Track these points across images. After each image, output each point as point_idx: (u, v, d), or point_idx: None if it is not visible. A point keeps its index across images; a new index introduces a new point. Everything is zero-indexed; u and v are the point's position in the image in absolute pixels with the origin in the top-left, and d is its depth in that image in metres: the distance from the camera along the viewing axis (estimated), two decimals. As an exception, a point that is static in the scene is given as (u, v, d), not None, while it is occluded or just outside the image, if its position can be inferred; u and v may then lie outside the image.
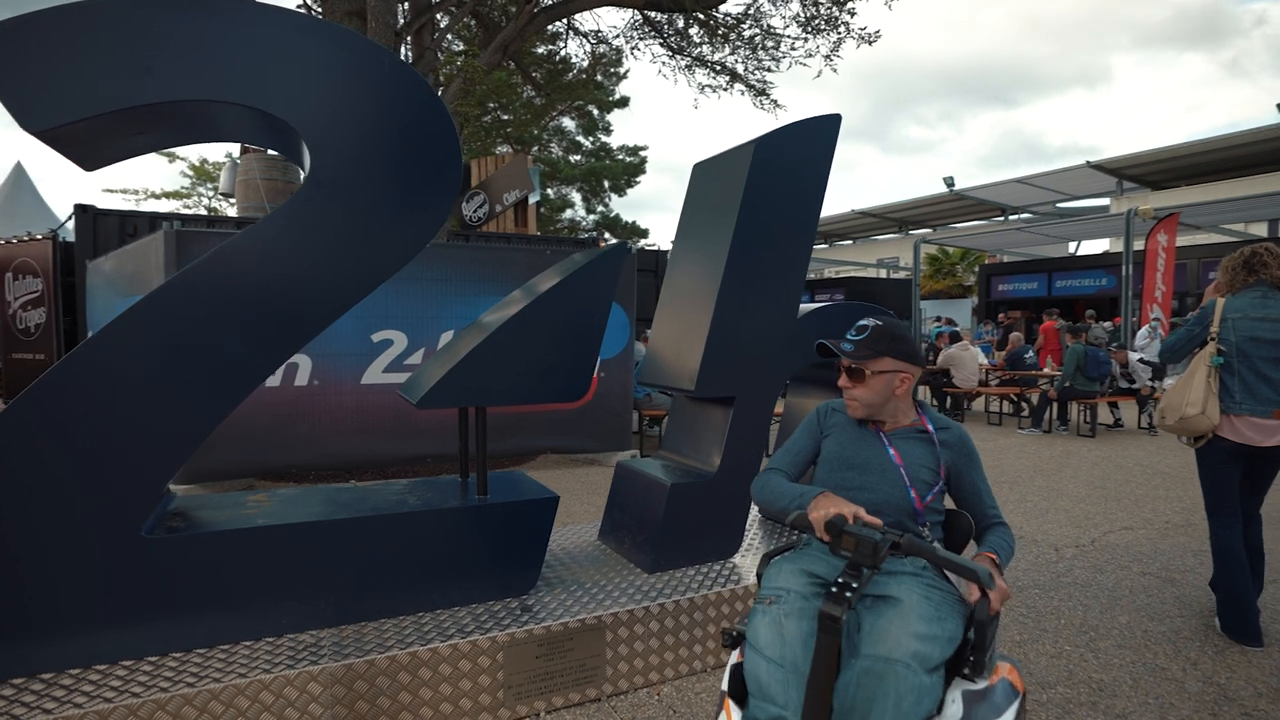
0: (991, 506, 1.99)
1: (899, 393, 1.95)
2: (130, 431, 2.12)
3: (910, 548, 1.57)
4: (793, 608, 1.68)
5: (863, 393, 1.92)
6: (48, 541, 2.04)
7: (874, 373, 1.91)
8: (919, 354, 2.00)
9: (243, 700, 2.05)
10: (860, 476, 1.93)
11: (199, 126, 2.38)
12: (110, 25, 2.02)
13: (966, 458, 2.00)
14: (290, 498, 2.71)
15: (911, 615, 1.60)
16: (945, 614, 1.64)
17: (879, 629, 1.61)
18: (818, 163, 3.18)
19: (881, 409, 1.97)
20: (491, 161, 11.88)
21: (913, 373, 1.97)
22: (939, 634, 1.58)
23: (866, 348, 1.90)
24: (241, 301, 2.23)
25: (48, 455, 2.04)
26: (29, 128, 1.98)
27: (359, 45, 2.34)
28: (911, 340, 1.99)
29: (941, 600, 1.69)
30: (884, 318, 2.00)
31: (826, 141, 3.18)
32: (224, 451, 5.82)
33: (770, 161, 3.06)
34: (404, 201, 2.41)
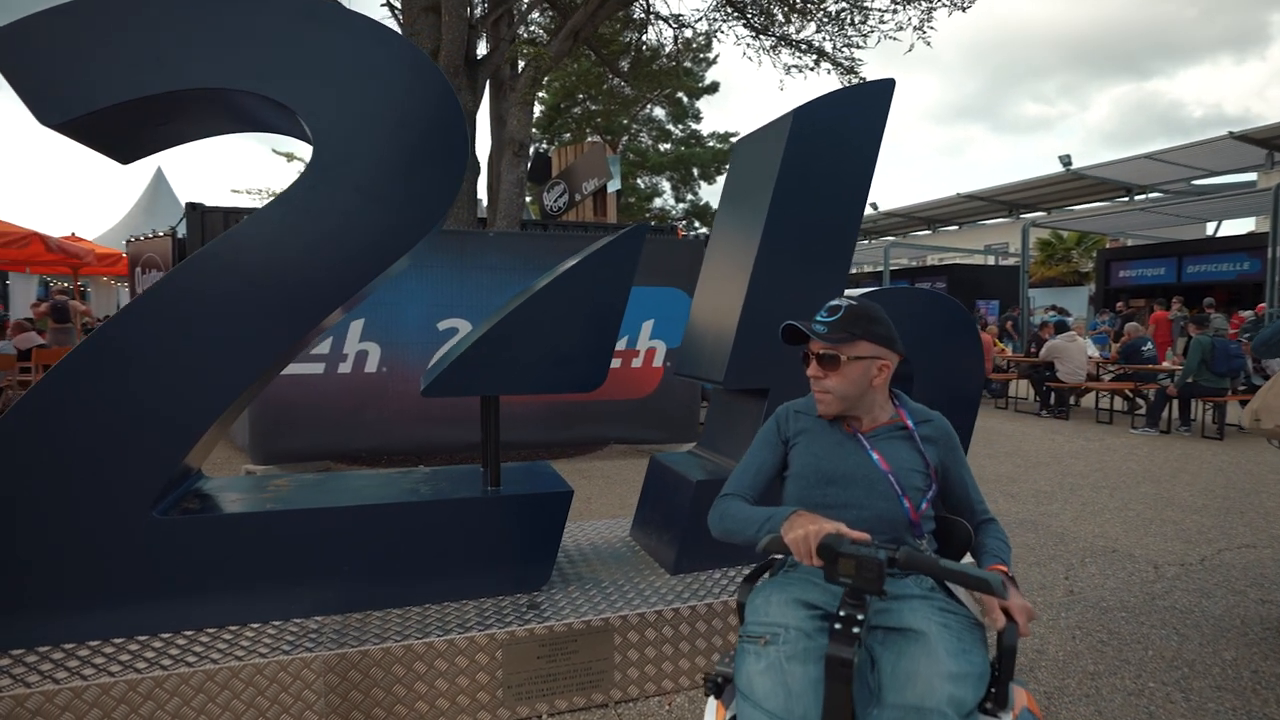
0: (980, 503, 1.75)
1: (876, 383, 1.69)
2: (140, 414, 2.18)
3: (910, 561, 1.33)
4: (795, 649, 1.42)
5: (837, 383, 1.66)
6: (61, 519, 2.13)
7: (850, 359, 1.64)
8: (897, 339, 1.72)
9: (237, 683, 2.06)
10: (843, 492, 1.65)
11: (217, 115, 2.41)
12: (116, 18, 2.06)
13: (952, 452, 1.75)
14: (309, 484, 2.74)
15: (939, 651, 1.37)
16: (969, 645, 1.41)
17: (903, 670, 1.38)
18: (866, 133, 2.89)
19: (857, 403, 1.70)
20: (571, 151, 11.94)
21: (891, 360, 1.71)
22: (970, 671, 1.35)
23: (841, 330, 1.64)
24: (246, 286, 2.25)
25: (63, 435, 2.12)
26: (45, 122, 2.05)
27: (364, 29, 2.30)
28: (890, 323, 1.73)
29: (962, 629, 1.45)
30: (861, 299, 1.73)
31: (877, 109, 2.88)
32: (300, 434, 6.13)
33: (810, 134, 2.81)
34: (406, 186, 2.35)
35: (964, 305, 3.21)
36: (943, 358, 3.08)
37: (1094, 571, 3.70)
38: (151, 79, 2.09)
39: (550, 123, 21.20)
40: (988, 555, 1.64)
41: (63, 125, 2.09)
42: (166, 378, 2.19)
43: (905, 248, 26.70)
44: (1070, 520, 4.64)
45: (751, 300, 2.83)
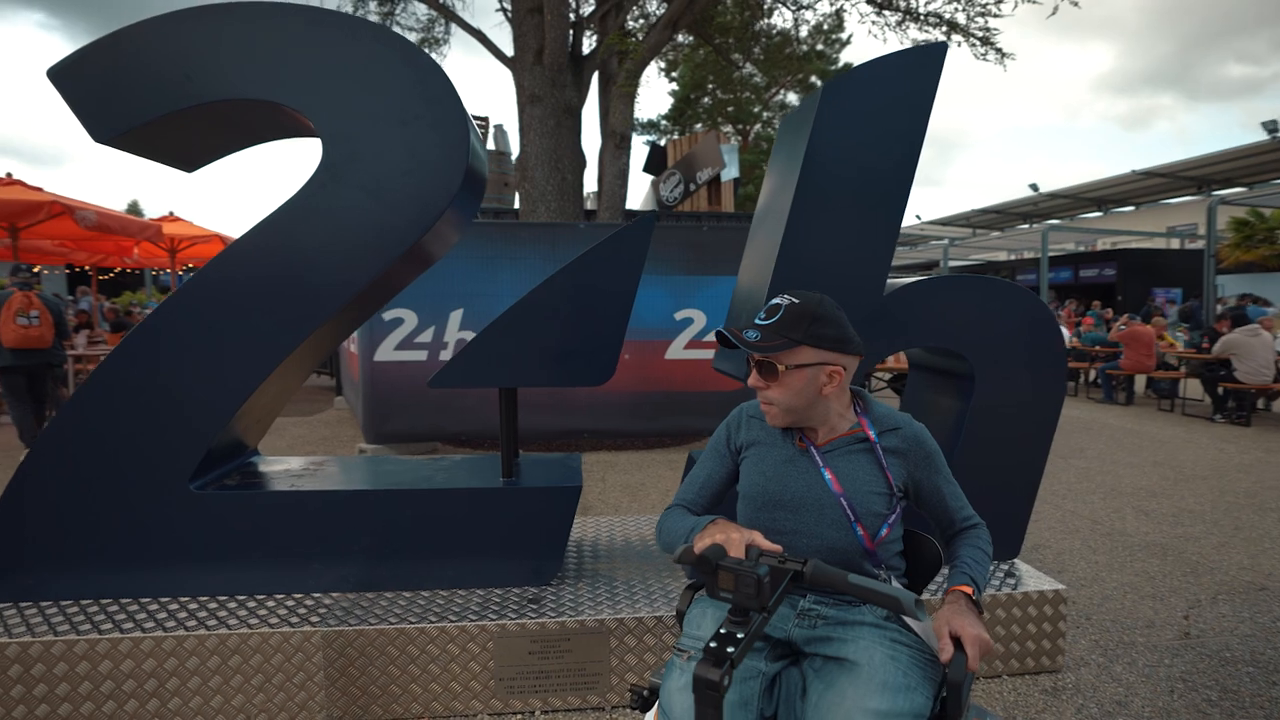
0: (960, 510, 1.53)
1: (828, 391, 1.46)
2: (175, 397, 2.39)
3: (816, 576, 1.21)
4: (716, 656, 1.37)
5: (779, 394, 1.45)
6: (112, 488, 2.39)
7: (790, 367, 1.43)
8: (850, 339, 1.48)
9: (247, 649, 2.21)
10: (792, 517, 1.48)
11: (247, 124, 2.58)
12: (151, 45, 2.26)
13: (925, 461, 1.52)
14: (345, 466, 2.89)
15: (869, 684, 1.25)
16: (914, 681, 1.26)
17: (827, 702, 1.27)
18: (911, 105, 2.58)
19: (808, 414, 1.49)
20: (686, 142, 11.83)
21: (844, 364, 1.48)
22: (904, 709, 1.22)
23: (778, 334, 1.42)
24: (265, 280, 2.40)
25: (113, 414, 2.38)
26: (98, 139, 2.30)
27: (366, 32, 2.36)
28: (840, 321, 1.48)
29: (910, 662, 1.30)
30: (803, 294, 1.49)
31: (923, 78, 2.56)
32: (406, 417, 6.56)
33: (842, 109, 2.56)
34: (405, 183, 2.39)
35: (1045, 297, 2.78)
36: (1012, 361, 2.70)
37: (1225, 612, 3.09)
38: (182, 95, 2.28)
39: (680, 114, 21.20)
40: (957, 571, 1.41)
41: (114, 140, 2.33)
42: (196, 365, 2.39)
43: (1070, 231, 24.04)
44: (1212, 548, 3.92)
45: (776, 289, 2.61)
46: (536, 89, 8.19)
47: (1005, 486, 2.78)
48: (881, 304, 2.66)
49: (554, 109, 8.24)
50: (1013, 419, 2.73)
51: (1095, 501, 4.80)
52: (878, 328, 2.65)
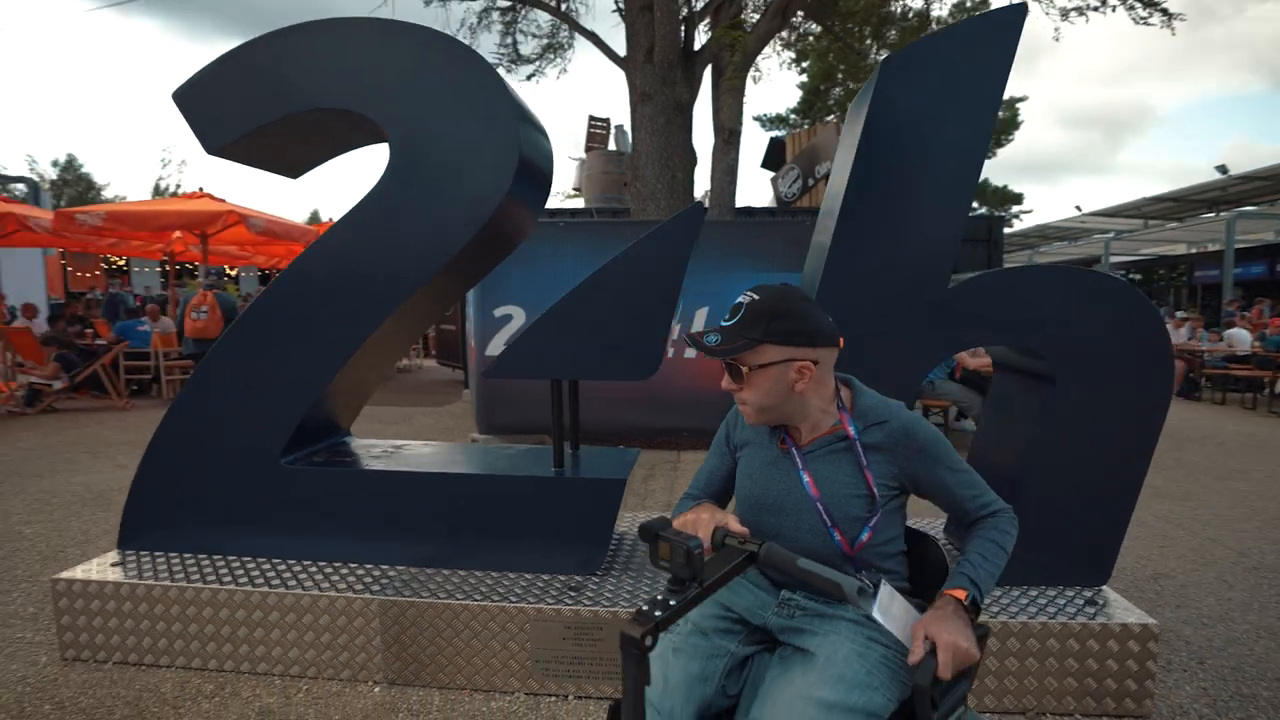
0: (973, 500, 1.41)
1: (801, 387, 1.40)
2: (268, 380, 2.70)
3: (769, 559, 1.23)
4: (684, 642, 1.43)
5: (750, 395, 1.41)
6: (220, 461, 2.73)
7: (754, 367, 1.38)
8: (818, 330, 1.40)
9: (317, 609, 2.45)
10: (776, 520, 1.46)
11: (336, 133, 2.84)
12: (249, 64, 2.56)
13: (917, 454, 1.41)
14: (419, 450, 3.11)
15: (824, 675, 1.26)
16: (878, 681, 1.26)
17: (775, 687, 1.30)
18: (980, 79, 2.38)
19: (785, 412, 1.43)
20: (805, 135, 11.50)
21: (815, 357, 1.40)
22: (855, 704, 1.21)
23: (738, 335, 1.37)
24: (342, 273, 2.64)
25: (219, 397, 2.72)
26: (209, 150, 2.64)
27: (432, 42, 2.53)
28: (805, 314, 1.40)
29: (879, 662, 1.29)
30: (766, 289, 1.42)
31: (997, 47, 2.36)
32: (515, 410, 6.89)
33: (901, 87, 2.41)
34: (461, 183, 2.54)
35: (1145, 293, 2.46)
36: (1100, 362, 2.42)
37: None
38: (274, 108, 2.57)
39: (810, 106, 20.58)
40: (955, 572, 1.33)
41: (222, 151, 2.66)
42: (285, 350, 2.68)
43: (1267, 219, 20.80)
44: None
45: (829, 281, 2.51)
46: (647, 87, 8.30)
47: (1091, 505, 2.49)
48: (946, 296, 2.47)
49: (664, 106, 8.31)
50: (1100, 428, 2.45)
51: (1247, 531, 4.16)
52: (941, 322, 2.48)
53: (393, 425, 7.69)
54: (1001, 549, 1.37)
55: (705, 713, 1.35)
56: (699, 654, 1.39)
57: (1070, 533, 2.50)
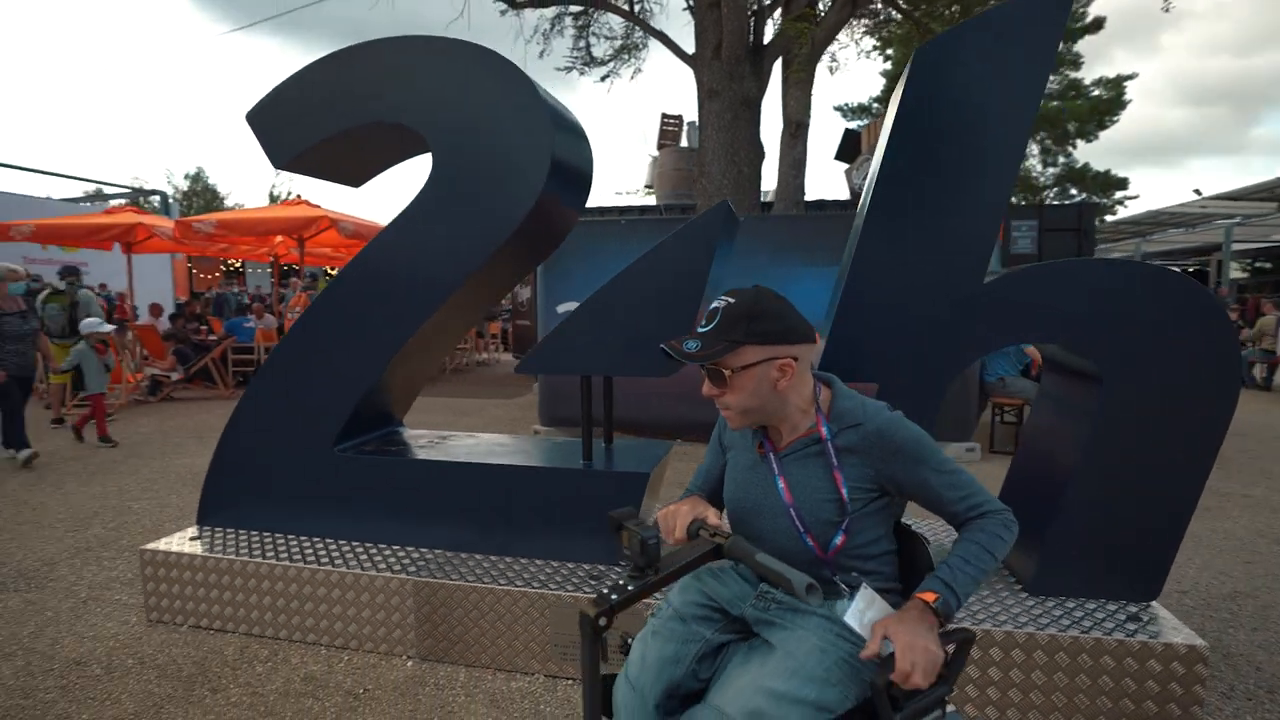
0: (958, 501, 1.35)
1: (782, 385, 1.39)
2: (322, 373, 2.91)
3: (732, 551, 1.29)
4: (663, 625, 1.50)
5: (734, 398, 1.41)
6: (281, 447, 2.97)
7: (737, 369, 1.38)
8: (795, 327, 1.40)
9: (359, 587, 2.64)
10: (756, 523, 1.48)
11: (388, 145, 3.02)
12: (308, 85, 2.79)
13: (894, 456, 1.38)
14: (462, 440, 3.27)
15: (780, 666, 1.30)
16: (835, 678, 1.28)
17: (733, 674, 1.36)
18: (1020, 65, 2.27)
19: (768, 412, 1.43)
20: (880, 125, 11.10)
21: (795, 354, 1.40)
22: (806, 697, 1.24)
23: (717, 339, 1.37)
24: (389, 276, 2.82)
25: (279, 389, 2.97)
26: (275, 165, 2.88)
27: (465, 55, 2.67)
28: (781, 313, 1.39)
29: (841, 659, 1.31)
30: (740, 292, 1.41)
31: (1035, 37, 2.24)
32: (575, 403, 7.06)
33: (935, 77, 2.33)
34: (496, 191, 2.66)
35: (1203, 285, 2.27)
36: (1153, 363, 2.27)
37: None
38: (329, 124, 2.77)
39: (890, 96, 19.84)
40: (931, 575, 1.32)
41: (287, 165, 2.90)
42: (338, 346, 2.89)
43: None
44: None
45: (855, 278, 2.46)
46: (714, 83, 8.26)
47: (1141, 514, 2.33)
48: (981, 291, 2.38)
49: (731, 102, 8.25)
50: (1152, 433, 2.28)
51: (1363, 551, 3.74)
52: (975, 318, 2.38)
53: (465, 416, 8.03)
54: (987, 551, 1.32)
55: (675, 692, 1.40)
56: (675, 638, 1.44)
57: (1117, 543, 2.35)
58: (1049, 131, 19.87)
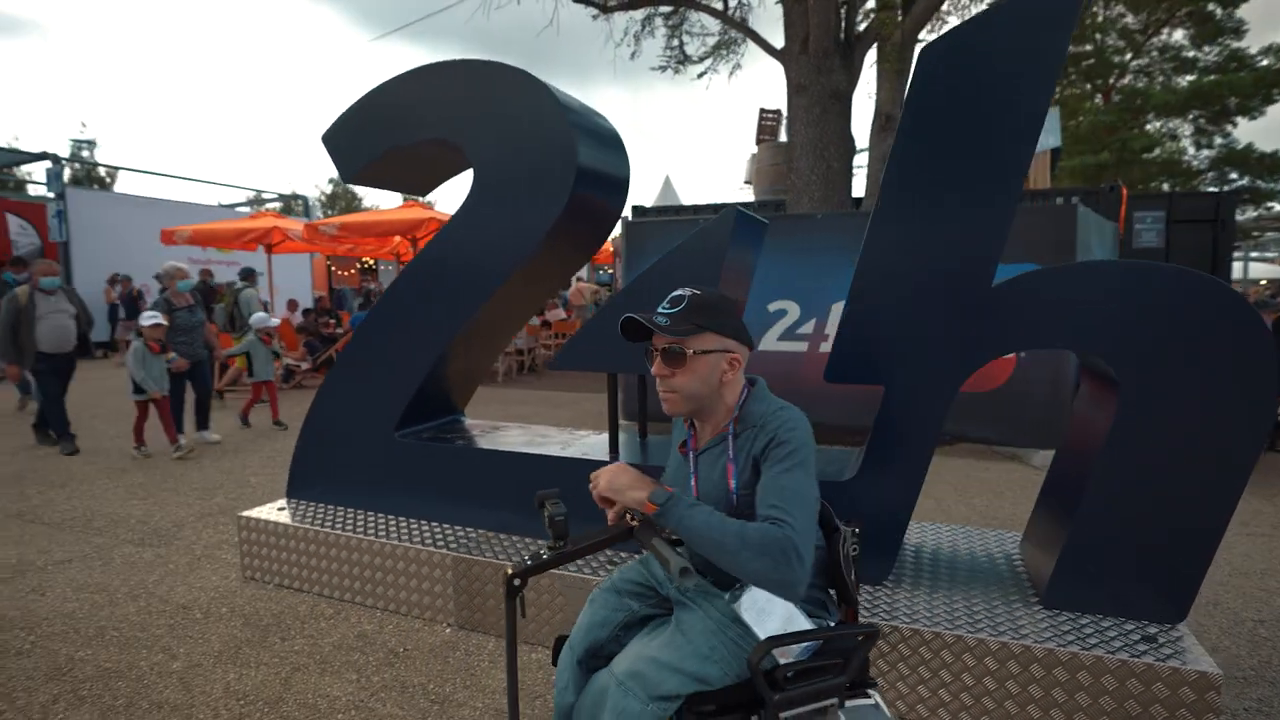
0: (768, 507, 1.35)
1: (727, 378, 1.50)
2: (384, 365, 3.27)
3: (638, 535, 1.46)
4: (599, 595, 1.69)
5: (684, 380, 1.49)
6: (349, 432, 3.36)
7: (696, 353, 1.47)
8: (746, 331, 1.53)
9: (407, 559, 2.96)
10: None
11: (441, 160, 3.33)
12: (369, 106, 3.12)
13: (766, 452, 1.42)
14: (510, 431, 3.54)
15: (670, 640, 1.46)
16: (718, 656, 1.42)
17: (634, 644, 1.54)
18: (1033, 62, 2.21)
19: (707, 404, 1.52)
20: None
21: (742, 354, 1.51)
22: (685, 669, 1.40)
23: (685, 321, 1.46)
24: (439, 277, 3.13)
25: (350, 379, 3.35)
26: (344, 179, 3.26)
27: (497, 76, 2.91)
28: (737, 315, 1.51)
29: (730, 641, 1.44)
30: (704, 288, 1.53)
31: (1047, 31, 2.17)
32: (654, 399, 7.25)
33: (943, 74, 2.32)
34: (529, 194, 2.89)
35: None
36: (1177, 371, 2.15)
37: None
38: (384, 141, 3.11)
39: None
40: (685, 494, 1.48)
41: (357, 177, 3.27)
42: (397, 339, 3.24)
43: None
44: None
45: (863, 276, 2.48)
46: (802, 78, 8.15)
47: (1165, 532, 2.21)
48: (989, 295, 2.33)
49: (819, 96, 8.11)
50: (1176, 446, 2.16)
51: None
52: (982, 323, 2.34)
53: (558, 409, 8.43)
54: (731, 531, 1.32)
55: (599, 652, 1.57)
56: (606, 606, 1.62)
57: (1139, 560, 2.24)
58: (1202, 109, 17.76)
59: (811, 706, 1.34)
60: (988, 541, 2.99)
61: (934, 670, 2.21)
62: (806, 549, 1.31)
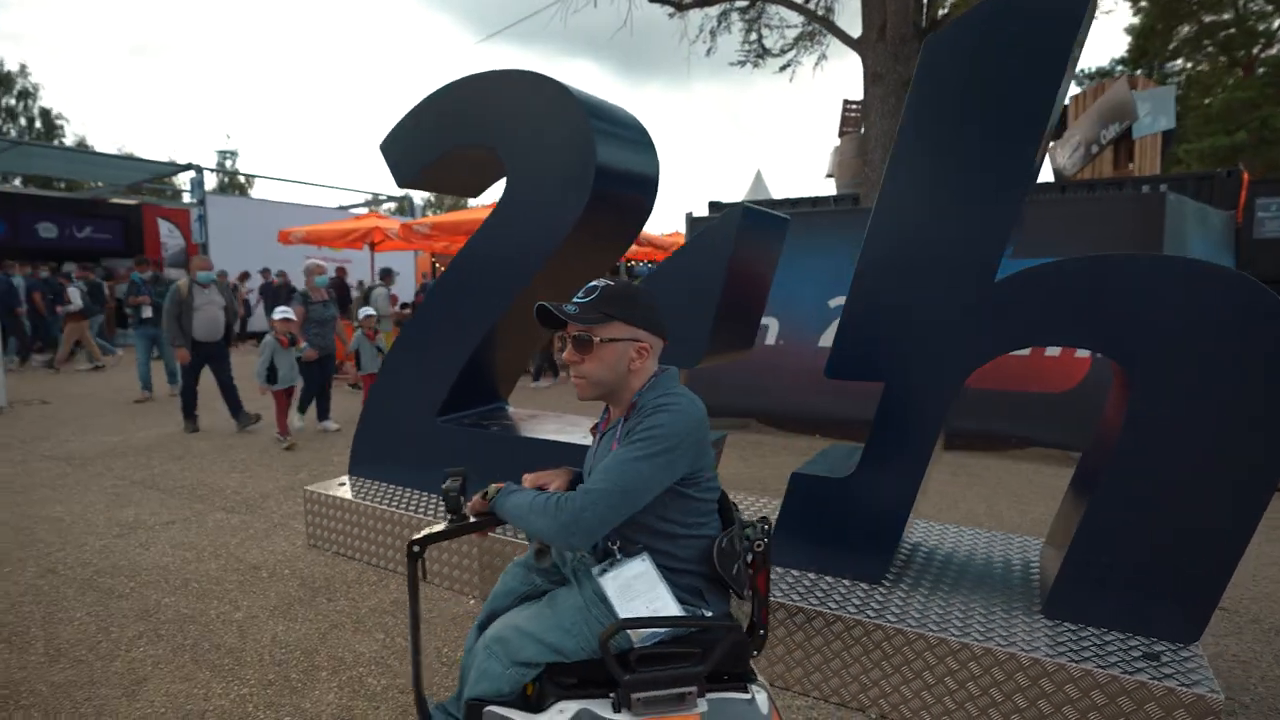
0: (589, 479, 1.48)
1: (635, 366, 1.55)
2: (428, 353, 3.53)
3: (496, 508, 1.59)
4: (512, 568, 1.85)
5: (592, 367, 1.55)
6: (398, 417, 3.66)
7: (604, 340, 1.53)
8: (657, 320, 1.56)
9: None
10: None
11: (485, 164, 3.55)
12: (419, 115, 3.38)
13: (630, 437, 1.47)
14: (544, 419, 3.73)
15: (537, 612, 1.58)
16: (576, 630, 1.52)
17: (510, 613, 1.65)
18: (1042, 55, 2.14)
19: (614, 389, 1.58)
20: (1093, 93, 9.74)
21: (651, 343, 1.56)
22: (545, 639, 1.51)
23: (594, 310, 1.53)
24: (478, 272, 3.36)
25: (401, 365, 3.64)
26: (399, 184, 3.55)
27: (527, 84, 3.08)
28: (650, 305, 1.55)
29: (588, 618, 1.53)
30: (619, 279, 1.58)
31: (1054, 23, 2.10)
32: (714, 392, 7.28)
33: (943, 69, 2.28)
34: (558, 196, 3.05)
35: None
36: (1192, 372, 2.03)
37: None
38: (433, 148, 3.36)
39: (1141, 53, 16.90)
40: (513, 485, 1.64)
41: (410, 183, 3.55)
42: (440, 329, 3.49)
43: None
44: None
45: (864, 270, 2.47)
46: (878, 67, 7.92)
47: (1179, 546, 2.08)
48: (991, 290, 2.27)
49: (896, 85, 7.85)
50: (1193, 452, 2.03)
51: None
52: (985, 318, 2.28)
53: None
54: (525, 503, 1.51)
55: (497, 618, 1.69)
56: (514, 578, 1.79)
57: (1149, 575, 2.13)
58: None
59: (667, 691, 1.37)
60: (1010, 547, 2.89)
61: (916, 672, 2.19)
62: (595, 513, 1.41)
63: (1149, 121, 8.81)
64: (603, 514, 1.41)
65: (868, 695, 2.27)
